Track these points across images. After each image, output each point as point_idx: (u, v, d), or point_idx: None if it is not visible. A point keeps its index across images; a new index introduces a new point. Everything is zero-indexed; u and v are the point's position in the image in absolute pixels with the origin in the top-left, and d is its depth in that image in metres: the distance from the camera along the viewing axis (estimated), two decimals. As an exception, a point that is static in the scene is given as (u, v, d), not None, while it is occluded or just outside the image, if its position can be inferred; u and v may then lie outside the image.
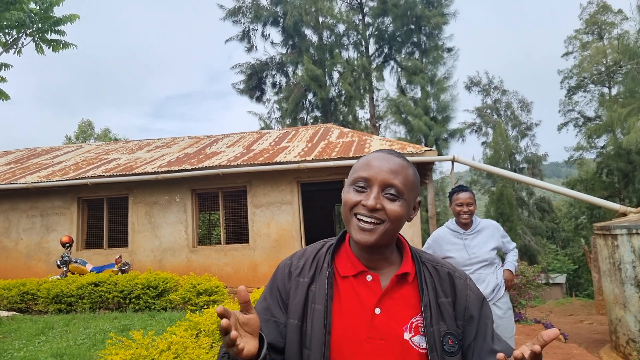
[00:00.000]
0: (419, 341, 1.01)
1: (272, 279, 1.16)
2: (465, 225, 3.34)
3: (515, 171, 27.18)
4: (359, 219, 1.04)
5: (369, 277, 1.07)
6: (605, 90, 27.27)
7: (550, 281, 26.10)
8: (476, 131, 31.43)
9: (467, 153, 54.02)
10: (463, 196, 3.31)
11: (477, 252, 3.27)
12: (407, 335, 1.01)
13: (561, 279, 27.80)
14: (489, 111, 31.77)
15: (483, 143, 30.70)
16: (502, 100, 31.82)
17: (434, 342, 1.00)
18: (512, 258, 3.45)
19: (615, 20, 25.98)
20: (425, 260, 1.13)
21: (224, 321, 0.85)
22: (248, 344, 0.91)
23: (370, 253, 1.08)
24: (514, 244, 3.52)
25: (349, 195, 1.07)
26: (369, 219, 1.03)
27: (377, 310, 1.03)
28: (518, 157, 30.45)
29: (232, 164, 8.99)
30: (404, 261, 1.11)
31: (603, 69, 26.12)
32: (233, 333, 0.85)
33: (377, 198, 1.03)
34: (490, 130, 30.30)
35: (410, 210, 1.11)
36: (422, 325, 1.02)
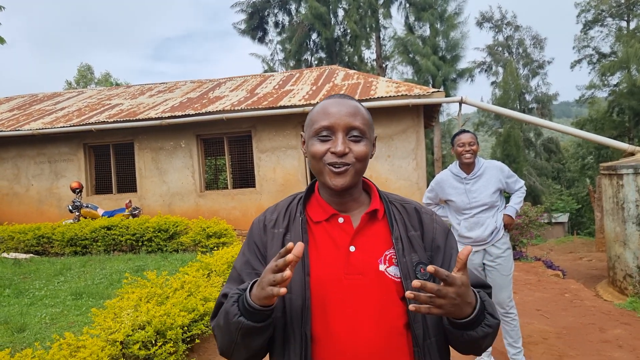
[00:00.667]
0: (393, 271, 1.06)
1: (249, 234, 1.19)
2: (469, 166, 3.30)
3: (524, 111, 26.75)
4: (330, 166, 1.08)
5: (340, 220, 1.12)
6: (624, 24, 26.14)
7: (553, 220, 26.41)
8: (486, 70, 30.65)
9: (476, 94, 52.87)
10: (465, 137, 3.28)
11: (478, 196, 3.27)
12: (382, 267, 1.06)
13: (564, 218, 28.12)
14: (500, 49, 30.80)
15: (492, 83, 30.04)
16: (514, 37, 30.74)
17: (407, 271, 1.05)
18: (516, 200, 3.42)
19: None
20: (392, 200, 1.19)
21: (291, 256, 0.88)
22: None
23: (341, 196, 1.13)
24: (522, 183, 3.46)
25: (315, 147, 1.10)
26: (340, 164, 1.07)
27: (352, 248, 1.07)
28: (528, 97, 29.86)
29: (236, 108, 8.91)
30: (373, 200, 1.16)
31: (622, 1, 24.92)
32: (288, 272, 0.88)
33: (344, 143, 1.07)
34: (500, 70, 29.54)
35: (372, 147, 1.15)
36: (395, 256, 1.08)
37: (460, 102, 8.70)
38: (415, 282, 0.88)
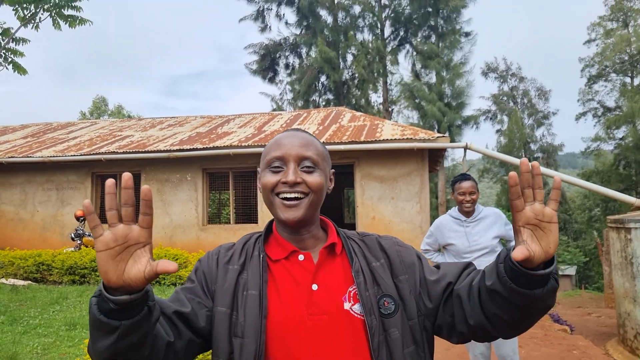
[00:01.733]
0: (359, 309, 1.00)
1: (197, 265, 1.12)
2: (468, 213, 3.33)
3: (529, 160, 26.83)
4: (282, 198, 1.05)
5: (300, 257, 1.07)
6: (628, 80, 26.66)
7: (560, 273, 25.95)
8: (491, 118, 31.06)
9: (481, 140, 53.42)
10: (465, 185, 3.28)
11: (479, 239, 3.25)
12: (347, 305, 1.01)
13: (571, 270, 27.60)
14: (505, 98, 31.32)
15: (497, 131, 30.36)
16: (519, 88, 31.33)
17: (370, 306, 1.00)
18: None
19: (641, 7, 25.22)
20: (350, 235, 1.15)
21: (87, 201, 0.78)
22: (130, 261, 0.79)
23: (298, 232, 1.09)
24: None
25: (266, 178, 1.07)
26: (292, 195, 1.04)
27: (314, 286, 1.02)
28: (533, 147, 30.07)
29: (243, 144, 9.03)
30: (330, 235, 1.12)
31: (626, 58, 25.49)
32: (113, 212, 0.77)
33: (295, 172, 1.05)
34: (505, 118, 29.93)
35: (327, 181, 1.12)
36: (358, 292, 1.02)
37: (465, 148, 8.78)
38: (524, 160, 0.88)
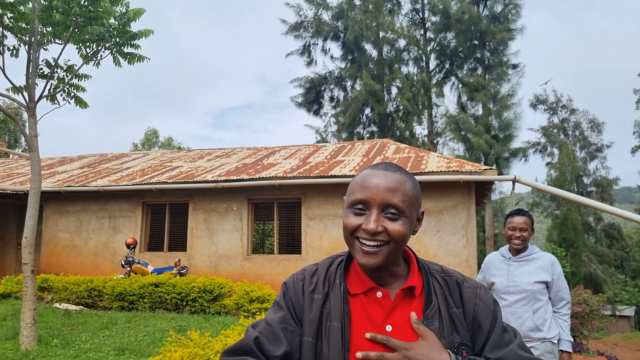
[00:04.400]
0: None
1: (284, 291, 1.12)
2: (517, 252, 3.11)
3: (582, 195, 25.69)
4: (361, 243, 1.02)
5: (379, 294, 1.05)
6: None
7: (617, 313, 24.24)
8: (540, 151, 30.05)
9: (530, 174, 51.67)
10: (518, 220, 3.06)
11: (518, 280, 3.01)
12: None
13: (629, 311, 25.74)
14: (555, 130, 30.33)
15: (548, 164, 29.29)
16: (570, 120, 30.27)
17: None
18: (564, 326, 3.00)
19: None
20: (433, 272, 1.10)
21: None
22: None
23: (376, 272, 1.06)
24: (569, 296, 3.04)
25: (348, 219, 1.04)
26: (371, 243, 1.01)
27: (389, 328, 1.01)
28: (586, 180, 28.74)
29: (288, 175, 9.17)
30: (410, 274, 1.08)
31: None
32: None
33: (377, 221, 1.00)
34: (556, 151, 28.88)
35: (413, 224, 1.07)
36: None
37: (514, 181, 8.52)
38: (358, 354, 0.92)
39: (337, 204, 9.04)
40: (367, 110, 23.52)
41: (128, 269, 8.73)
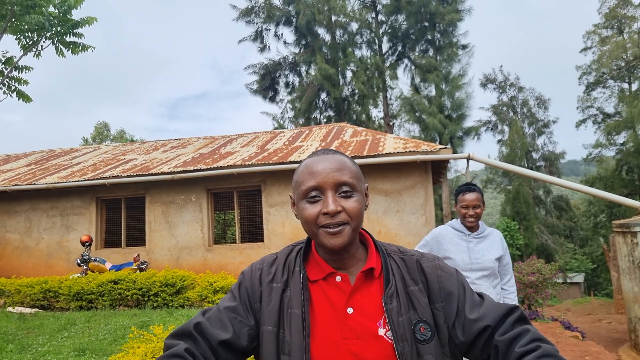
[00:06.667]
0: (392, 335, 0.99)
1: (241, 278, 1.13)
2: (471, 229, 3.01)
3: (532, 169, 26.85)
4: (324, 228, 1.03)
5: (338, 278, 1.06)
6: (625, 85, 26.80)
7: (568, 280, 25.74)
8: (492, 129, 31.11)
9: (483, 151, 53.47)
10: (469, 197, 2.94)
11: (480, 257, 2.95)
12: (381, 331, 1.00)
13: (579, 278, 27.40)
14: (504, 109, 31.42)
15: (499, 141, 30.38)
16: (518, 98, 31.42)
17: (403, 332, 0.99)
18: (512, 292, 3.08)
19: (636, 14, 25.48)
20: (390, 252, 1.12)
21: None
22: None
23: (339, 254, 1.07)
24: (512, 271, 3.12)
25: (306, 211, 1.04)
26: (334, 224, 1.02)
27: (350, 310, 1.02)
28: (535, 155, 30.06)
29: (246, 163, 9.07)
30: (369, 256, 1.09)
31: (623, 64, 25.67)
32: None
33: (335, 201, 1.02)
34: (506, 128, 29.98)
35: (364, 199, 1.09)
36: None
37: (468, 159, 8.79)
38: None
39: (298, 190, 9.05)
40: (323, 95, 23.51)
41: (85, 267, 8.43)
